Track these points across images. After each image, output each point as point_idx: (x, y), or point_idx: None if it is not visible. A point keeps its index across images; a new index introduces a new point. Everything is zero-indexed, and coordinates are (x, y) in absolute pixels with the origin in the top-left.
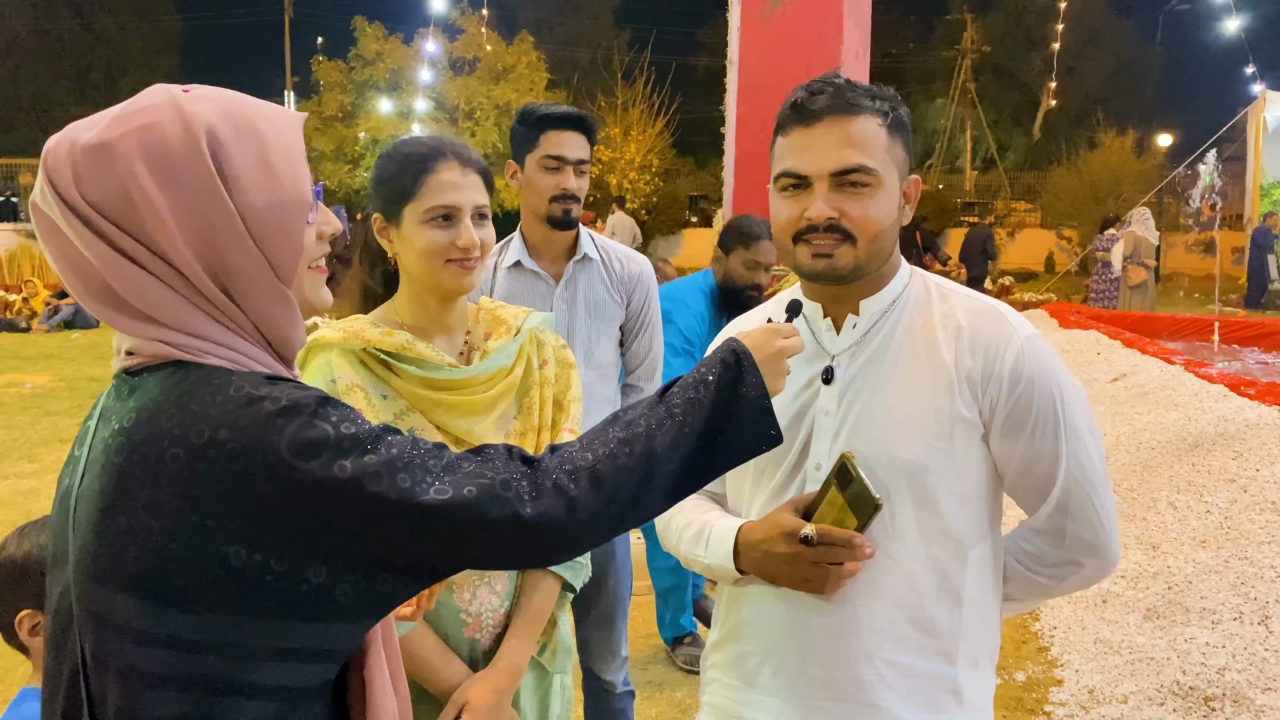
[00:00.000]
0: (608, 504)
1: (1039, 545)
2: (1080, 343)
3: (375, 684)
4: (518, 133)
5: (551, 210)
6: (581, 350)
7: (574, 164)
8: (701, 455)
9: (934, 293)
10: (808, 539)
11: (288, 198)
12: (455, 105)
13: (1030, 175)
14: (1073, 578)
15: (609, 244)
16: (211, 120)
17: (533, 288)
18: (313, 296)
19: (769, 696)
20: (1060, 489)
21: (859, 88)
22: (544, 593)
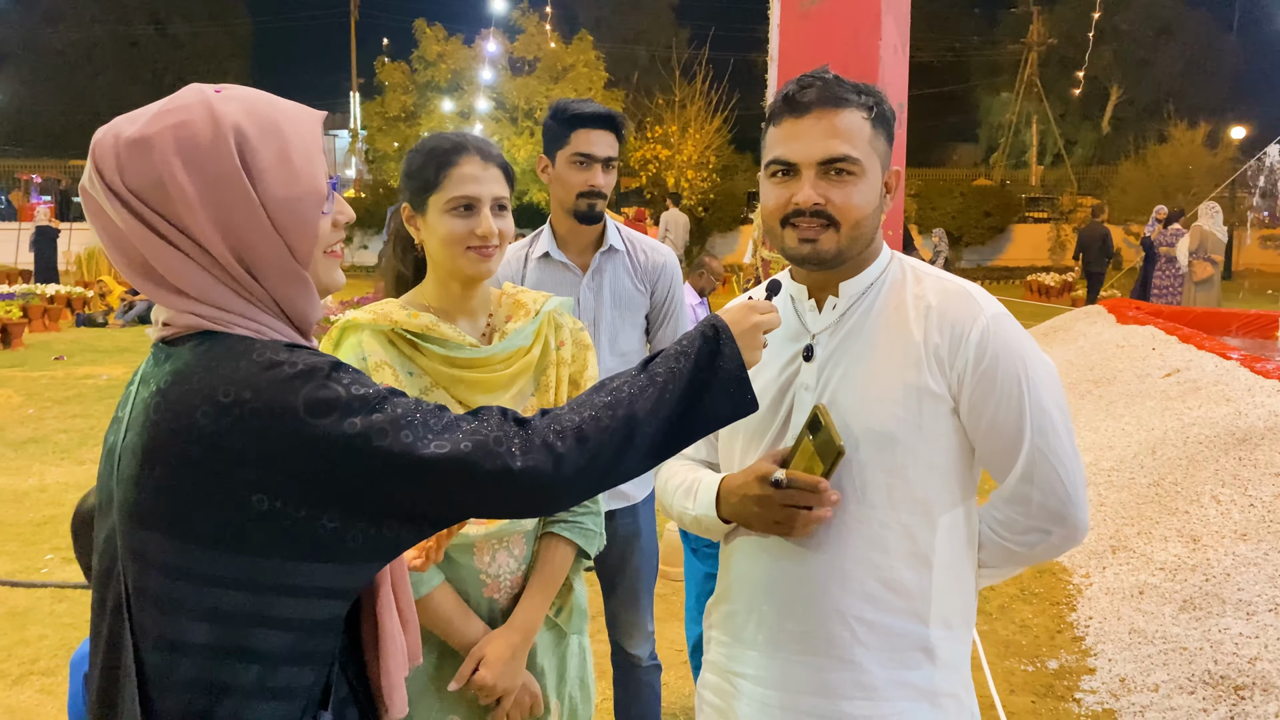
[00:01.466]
0: (591, 460)
1: (1008, 514)
2: (1135, 338)
3: (385, 619)
4: (549, 129)
5: (578, 205)
6: (607, 337)
7: (602, 161)
8: (680, 420)
9: (909, 275)
10: (778, 483)
11: (305, 190)
12: (515, 105)
13: (1098, 170)
14: (1041, 545)
15: (634, 236)
16: (238, 119)
17: (561, 278)
18: (327, 279)
19: (751, 650)
20: (1025, 459)
21: (845, 83)
22: (559, 557)
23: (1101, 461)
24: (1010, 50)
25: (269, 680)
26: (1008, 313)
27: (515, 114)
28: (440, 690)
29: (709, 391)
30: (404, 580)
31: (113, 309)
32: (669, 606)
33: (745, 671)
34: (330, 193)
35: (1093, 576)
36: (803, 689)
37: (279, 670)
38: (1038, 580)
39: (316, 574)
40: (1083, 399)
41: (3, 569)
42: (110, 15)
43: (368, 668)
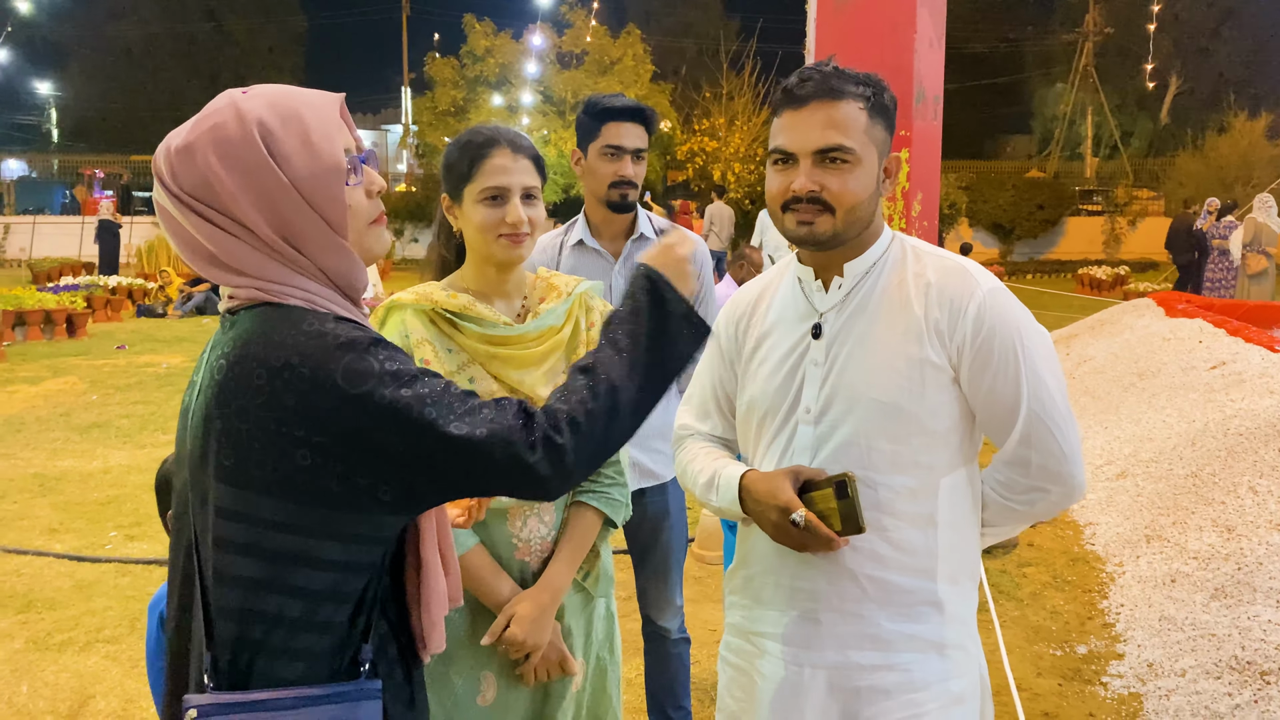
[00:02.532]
0: (588, 443)
1: (1008, 475)
2: (1182, 331)
3: (429, 557)
4: (582, 123)
5: (610, 195)
6: None
7: (631, 153)
8: (651, 373)
9: (909, 254)
10: (795, 523)
11: (326, 166)
12: (562, 98)
13: (1154, 162)
14: (1041, 503)
15: (665, 224)
16: (261, 113)
17: (594, 264)
18: (375, 246)
19: (771, 610)
20: (1023, 423)
21: (845, 75)
22: (586, 525)
23: (1141, 452)
24: (1065, 40)
25: (313, 615)
26: (1004, 287)
27: (562, 107)
28: (474, 646)
29: (666, 337)
30: (446, 527)
31: (172, 300)
32: (704, 589)
33: (765, 630)
34: (357, 164)
35: (1126, 565)
36: (817, 644)
37: (321, 606)
38: (1071, 568)
39: (353, 523)
40: (1126, 391)
41: (70, 545)
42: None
43: (409, 610)
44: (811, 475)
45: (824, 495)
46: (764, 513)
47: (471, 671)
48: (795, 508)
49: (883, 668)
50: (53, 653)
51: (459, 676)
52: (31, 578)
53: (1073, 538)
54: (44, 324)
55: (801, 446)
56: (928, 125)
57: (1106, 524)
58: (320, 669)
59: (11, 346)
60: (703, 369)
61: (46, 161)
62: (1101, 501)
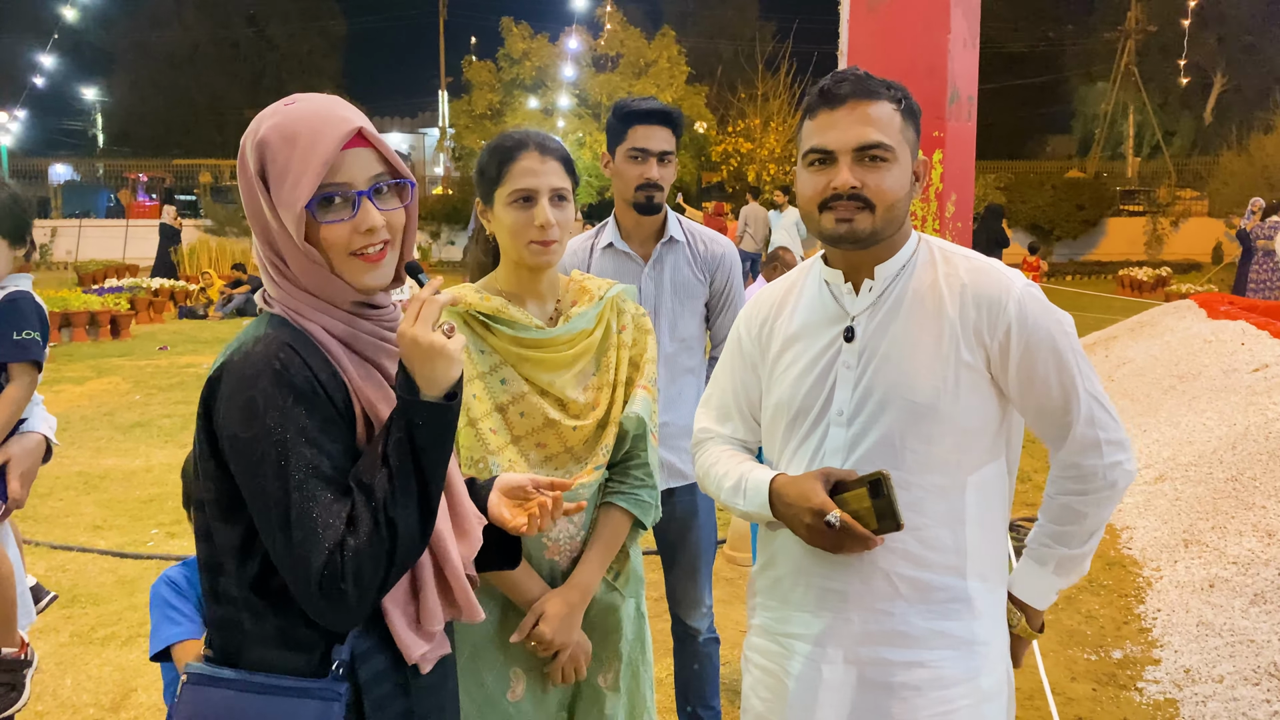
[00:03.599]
0: (370, 581)
1: (1083, 466)
2: (1225, 334)
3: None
4: (610, 126)
5: (636, 198)
6: (667, 324)
7: (657, 155)
8: (424, 492)
9: (938, 256)
10: (830, 524)
11: (295, 198)
12: (598, 101)
13: (1198, 161)
14: (1123, 479)
15: (694, 227)
16: (267, 130)
17: (624, 267)
18: (352, 280)
19: (801, 611)
20: (1084, 407)
21: (875, 79)
22: (616, 526)
23: (1180, 456)
24: (1106, 38)
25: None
26: (1032, 283)
27: (598, 110)
28: (503, 642)
29: (424, 454)
30: (441, 542)
31: (213, 302)
32: (735, 589)
33: (795, 631)
34: (357, 199)
35: (1163, 570)
36: (849, 642)
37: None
38: (1107, 572)
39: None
40: (1166, 394)
41: (113, 542)
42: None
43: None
44: (842, 476)
45: (857, 495)
46: (797, 516)
47: (501, 668)
48: (829, 509)
49: (915, 664)
50: (96, 647)
51: (489, 672)
52: (76, 573)
53: (1109, 541)
54: (89, 325)
55: (834, 448)
56: (962, 126)
57: (1144, 528)
58: (299, 662)
59: (57, 347)
60: (722, 371)
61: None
62: (1139, 505)
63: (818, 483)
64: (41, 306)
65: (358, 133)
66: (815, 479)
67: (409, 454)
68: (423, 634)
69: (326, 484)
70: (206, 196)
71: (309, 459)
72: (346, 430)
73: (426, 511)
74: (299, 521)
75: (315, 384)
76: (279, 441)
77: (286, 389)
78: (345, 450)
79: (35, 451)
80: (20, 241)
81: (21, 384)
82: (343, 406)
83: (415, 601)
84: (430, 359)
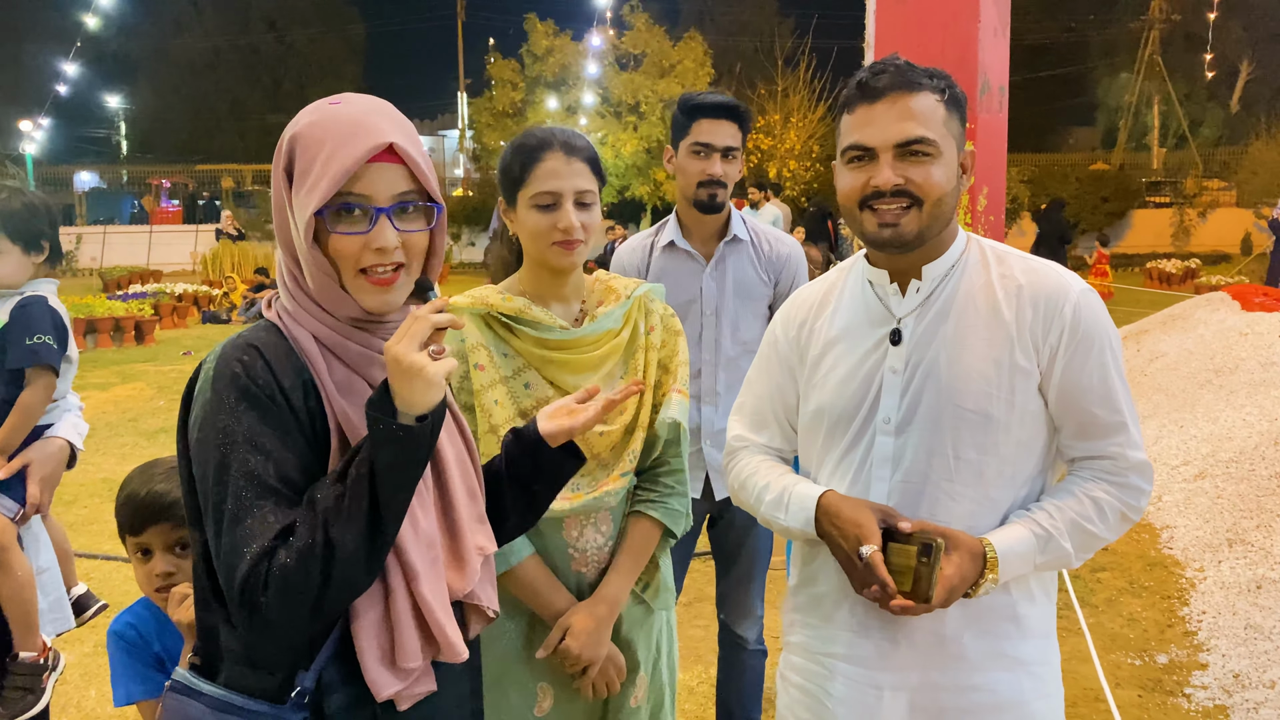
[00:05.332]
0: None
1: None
2: (1261, 325)
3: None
4: (674, 119)
5: (699, 195)
6: (729, 326)
7: (721, 151)
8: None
9: (990, 256)
10: (860, 556)
11: (310, 203)
12: (620, 100)
13: (1225, 151)
14: (1143, 507)
15: (760, 226)
16: (301, 129)
17: (685, 267)
18: (360, 300)
19: (845, 631)
20: (1114, 417)
21: (917, 68)
22: (644, 535)
23: (1220, 452)
24: (1130, 29)
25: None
26: (1090, 288)
27: (620, 109)
28: (529, 657)
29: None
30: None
31: (236, 306)
32: (766, 594)
33: (838, 652)
34: (376, 215)
35: (1207, 570)
36: (897, 664)
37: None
38: (1148, 574)
39: None
40: (1201, 388)
41: None
42: (233, 25)
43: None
44: (899, 523)
45: (905, 550)
46: (841, 540)
47: (527, 684)
48: (869, 542)
49: (966, 688)
50: None
51: (514, 688)
52: (100, 581)
53: (1149, 541)
54: (113, 331)
55: (881, 458)
56: (993, 117)
57: (1185, 527)
58: (264, 683)
59: (82, 353)
60: (757, 376)
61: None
62: (1179, 503)
63: (873, 516)
64: (58, 311)
65: (388, 147)
66: (873, 512)
67: (367, 474)
68: (396, 671)
69: (266, 493)
70: (229, 201)
71: (251, 466)
72: (310, 442)
73: (375, 536)
74: (229, 527)
75: (276, 390)
76: (224, 444)
77: (239, 392)
78: (301, 462)
79: (57, 456)
80: (35, 248)
81: (36, 389)
82: (307, 418)
83: (389, 634)
84: (409, 379)
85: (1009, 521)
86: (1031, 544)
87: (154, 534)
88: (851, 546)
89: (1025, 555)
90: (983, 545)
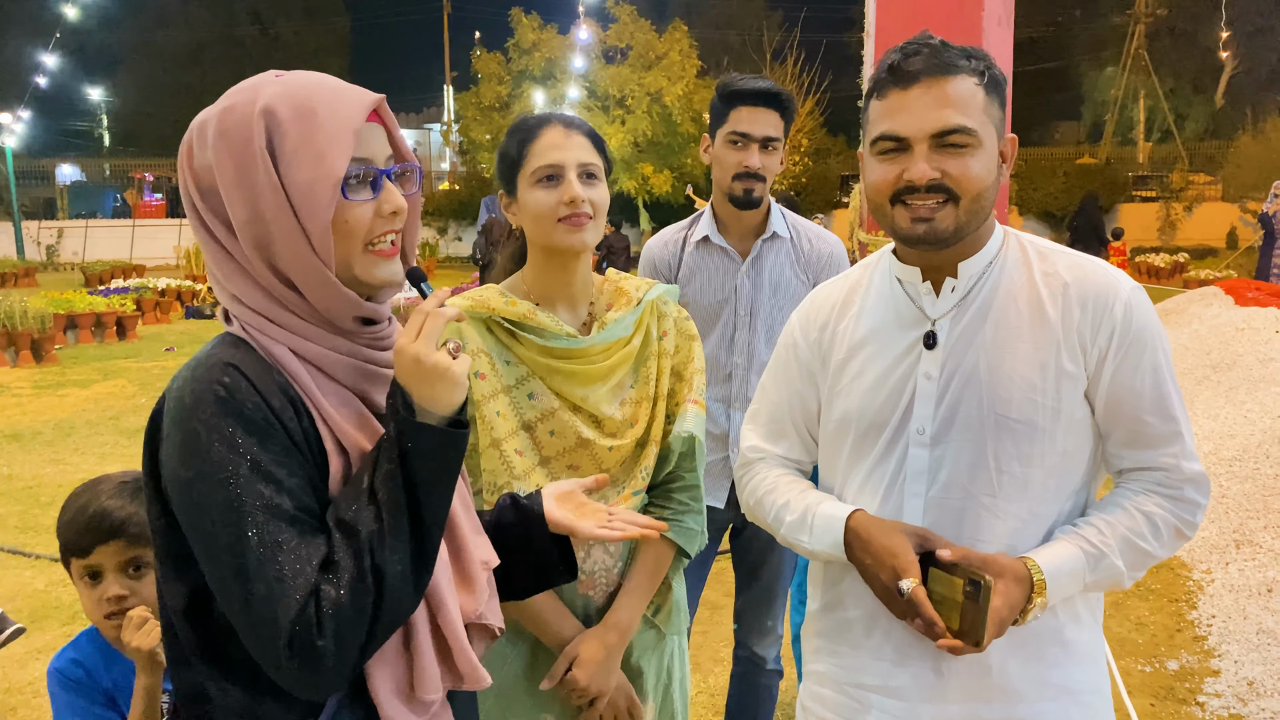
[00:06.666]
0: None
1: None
2: (1257, 320)
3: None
4: (713, 107)
5: (733, 189)
6: (764, 328)
7: (760, 141)
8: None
9: (1031, 252)
10: (901, 592)
11: (322, 173)
12: (607, 93)
13: (1211, 145)
14: (1198, 522)
15: (801, 223)
16: (272, 101)
17: (720, 264)
18: (366, 273)
19: (878, 660)
20: (1166, 423)
21: (953, 48)
22: (657, 557)
23: (1222, 451)
24: (1116, 23)
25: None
26: (1141, 287)
27: (607, 102)
28: (532, 687)
29: (422, 488)
30: (439, 593)
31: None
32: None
33: (871, 682)
34: (378, 178)
35: (1214, 572)
36: (938, 696)
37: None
38: (1154, 576)
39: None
40: (1200, 385)
41: None
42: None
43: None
44: (936, 545)
45: (950, 582)
46: (877, 570)
47: (531, 713)
48: (908, 575)
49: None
50: None
51: (517, 719)
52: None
53: None
54: (95, 327)
55: (915, 472)
56: None
57: None
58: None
59: (64, 350)
60: (773, 382)
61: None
62: None
63: (909, 541)
64: None
65: (374, 106)
66: (907, 536)
67: (402, 487)
68: (416, 705)
69: (290, 524)
70: None
71: (266, 497)
72: (309, 464)
73: (421, 558)
74: (259, 572)
75: (268, 410)
76: (227, 479)
77: (233, 418)
78: (308, 486)
79: None
80: None
81: None
82: (302, 437)
83: (407, 665)
84: (432, 381)
85: (1054, 538)
86: (1081, 562)
87: (104, 553)
88: (889, 578)
89: (1075, 574)
90: (1026, 567)
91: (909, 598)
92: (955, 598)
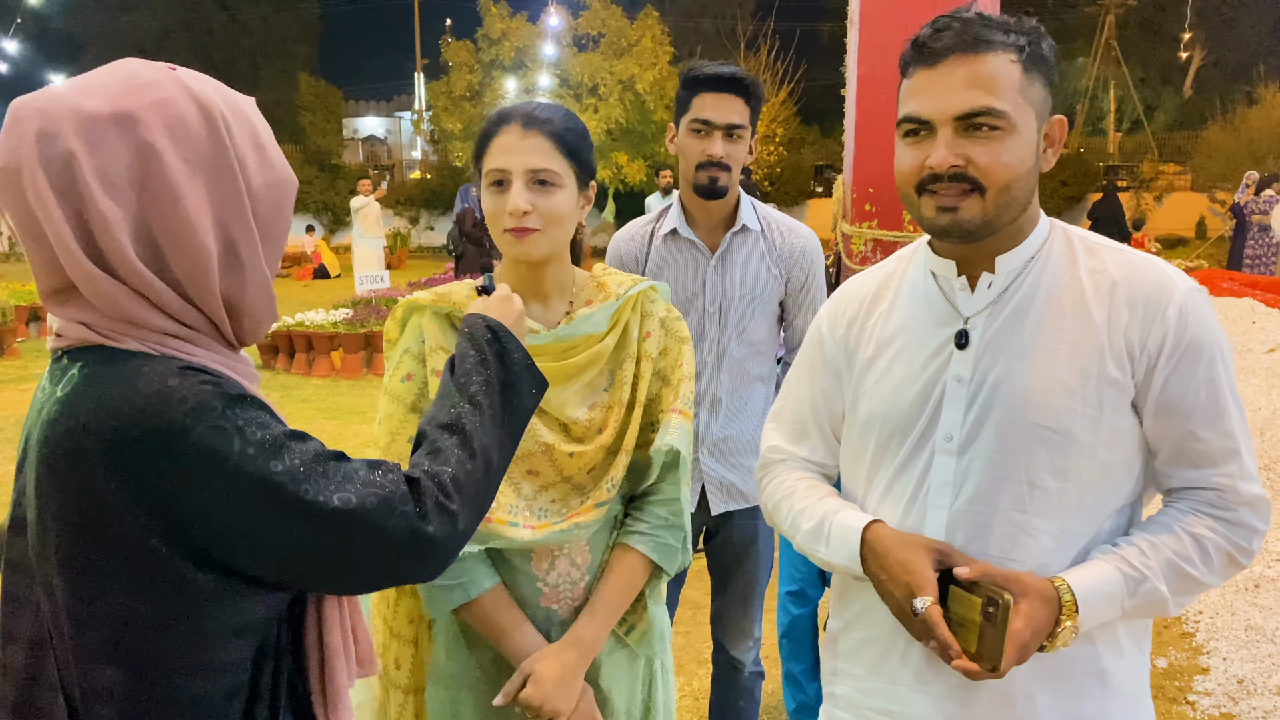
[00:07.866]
0: (473, 508)
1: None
2: (1233, 311)
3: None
4: (677, 95)
5: (697, 178)
6: (734, 326)
7: (723, 128)
8: (508, 427)
9: (1079, 247)
10: (915, 611)
11: (281, 178)
12: (579, 81)
13: (1180, 136)
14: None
15: (773, 215)
16: (218, 103)
17: (687, 258)
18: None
19: (897, 685)
20: (1223, 439)
21: (992, 21)
22: (629, 572)
23: None
24: (1086, 13)
25: None
26: (1201, 288)
27: (579, 90)
28: (487, 705)
29: (514, 390)
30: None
31: None
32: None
33: (891, 709)
34: None
35: None
36: None
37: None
38: None
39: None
40: None
41: None
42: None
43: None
44: (956, 561)
45: (968, 601)
46: (891, 586)
47: None
48: (923, 593)
49: None
50: None
51: None
52: None
53: None
54: None
55: (941, 482)
56: None
57: None
58: None
59: (25, 343)
60: (798, 379)
61: None
62: None
63: (926, 556)
64: None
65: None
66: (926, 552)
67: (499, 391)
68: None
69: (347, 458)
70: None
71: (317, 448)
72: None
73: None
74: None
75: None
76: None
77: (242, 402)
78: None
79: None
80: None
81: None
82: None
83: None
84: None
85: (1091, 558)
86: (1119, 585)
87: None
88: (904, 595)
89: (1112, 598)
90: (1055, 587)
91: (922, 618)
92: (974, 619)
